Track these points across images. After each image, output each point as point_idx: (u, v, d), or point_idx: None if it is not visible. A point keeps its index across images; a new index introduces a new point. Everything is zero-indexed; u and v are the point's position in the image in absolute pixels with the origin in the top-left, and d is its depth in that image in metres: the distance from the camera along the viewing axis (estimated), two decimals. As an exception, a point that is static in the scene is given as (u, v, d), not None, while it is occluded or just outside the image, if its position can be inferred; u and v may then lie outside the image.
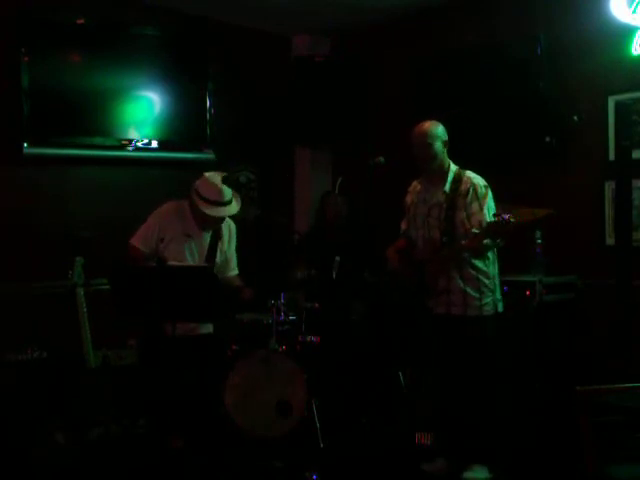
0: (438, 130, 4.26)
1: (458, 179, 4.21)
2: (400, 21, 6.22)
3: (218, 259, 4.56)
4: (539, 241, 5.00)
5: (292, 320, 4.87)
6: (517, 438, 4.45)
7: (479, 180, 4.20)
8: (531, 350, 4.70)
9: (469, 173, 4.24)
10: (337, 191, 6.08)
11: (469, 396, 4.14)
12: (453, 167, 4.28)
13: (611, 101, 5.00)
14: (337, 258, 4.96)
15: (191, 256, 4.48)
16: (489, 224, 3.90)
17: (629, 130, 4.82)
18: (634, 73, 4.86)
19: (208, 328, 4.58)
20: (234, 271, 4.77)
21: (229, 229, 4.68)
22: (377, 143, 5.97)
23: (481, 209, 4.10)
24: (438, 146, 4.23)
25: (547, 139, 5.16)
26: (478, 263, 4.17)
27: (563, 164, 5.22)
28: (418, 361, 5.05)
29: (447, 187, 4.21)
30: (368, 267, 5.37)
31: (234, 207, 4.49)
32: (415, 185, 4.48)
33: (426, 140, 4.23)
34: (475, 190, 4.14)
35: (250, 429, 4.49)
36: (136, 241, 4.45)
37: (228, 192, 4.42)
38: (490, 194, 4.18)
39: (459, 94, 5.61)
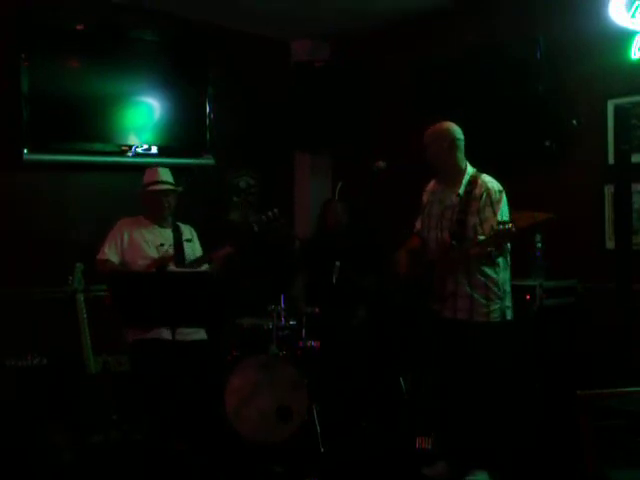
0: (448, 131, 4.23)
1: (473, 182, 4.15)
2: (400, 26, 6.23)
3: (186, 249, 4.67)
4: (539, 245, 4.99)
5: (292, 325, 4.87)
6: (518, 442, 4.44)
7: (494, 184, 4.15)
8: (532, 354, 4.69)
9: (485, 177, 4.18)
10: (337, 196, 6.09)
11: (471, 401, 4.12)
12: (470, 170, 4.23)
13: (610, 105, 5.00)
14: (337, 263, 4.96)
15: (155, 250, 4.58)
16: (492, 233, 3.85)
17: (628, 134, 4.81)
18: (633, 77, 4.86)
19: (200, 334, 4.59)
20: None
21: (189, 230, 4.85)
22: (378, 148, 5.98)
23: (494, 215, 4.03)
24: (444, 147, 4.19)
25: (547, 143, 5.16)
26: (487, 270, 4.11)
27: (563, 168, 5.22)
28: (419, 364, 5.04)
29: (461, 190, 4.15)
30: (369, 272, 5.37)
31: (171, 186, 4.73)
32: (433, 184, 4.44)
33: (432, 140, 4.23)
34: (489, 195, 4.08)
35: (251, 434, 4.49)
36: (102, 254, 4.57)
37: (165, 173, 4.75)
38: (505, 199, 4.11)
39: (459, 97, 5.61)
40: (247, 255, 4.87)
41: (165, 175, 4.73)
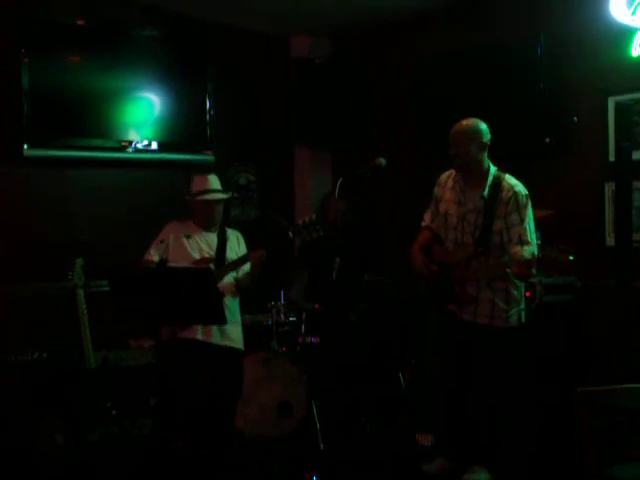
0: (477, 129, 4.09)
1: (498, 184, 4.03)
2: (400, 21, 6.22)
3: (229, 254, 4.54)
4: (539, 242, 4.99)
5: (292, 321, 4.88)
6: (517, 439, 4.45)
7: (521, 188, 4.03)
8: (531, 351, 4.69)
9: (509, 179, 4.07)
10: (337, 193, 6.08)
11: (478, 400, 4.10)
12: (493, 169, 4.11)
13: (611, 102, 5.00)
14: (337, 259, 4.96)
15: (198, 253, 4.48)
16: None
17: (629, 131, 4.81)
18: (634, 74, 4.86)
19: (238, 343, 4.51)
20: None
21: (236, 236, 4.70)
22: (377, 143, 5.98)
23: (522, 221, 3.94)
24: (474, 146, 4.05)
25: (547, 140, 5.15)
26: None
27: (563, 164, 5.22)
28: (419, 361, 5.04)
29: (486, 192, 4.04)
30: (369, 268, 5.37)
31: (223, 195, 4.61)
32: (447, 179, 4.30)
33: (461, 139, 4.07)
34: (517, 200, 3.97)
35: (251, 429, 4.50)
36: (148, 255, 4.45)
37: (214, 181, 4.58)
38: (530, 204, 4.02)
39: (459, 94, 5.60)
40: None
41: (215, 183, 4.60)
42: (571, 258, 3.56)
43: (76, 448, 4.29)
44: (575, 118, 5.11)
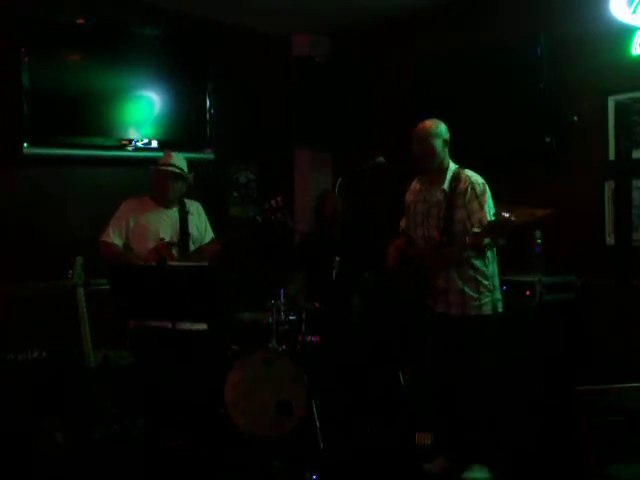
0: (439, 128, 4.26)
1: (457, 177, 4.20)
2: (400, 20, 6.23)
3: (192, 231, 4.63)
4: (539, 241, 5.00)
5: (292, 320, 4.88)
6: (517, 438, 4.45)
7: (477, 178, 4.19)
8: (531, 350, 4.70)
9: (467, 171, 4.23)
10: (337, 192, 6.07)
11: (468, 396, 4.14)
12: (452, 166, 4.27)
13: (611, 101, 5.00)
14: (337, 258, 4.96)
15: (163, 231, 4.53)
16: (490, 223, 3.89)
17: (629, 130, 4.82)
18: (634, 73, 4.86)
19: (201, 325, 4.55)
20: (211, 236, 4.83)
21: (196, 207, 4.77)
22: (377, 142, 5.98)
23: (481, 207, 4.09)
24: (438, 144, 4.23)
25: (547, 139, 5.16)
26: (477, 263, 4.16)
27: (563, 164, 5.22)
28: (417, 360, 5.04)
29: (446, 185, 4.19)
30: (368, 267, 5.37)
31: (177, 170, 4.63)
32: (415, 184, 4.47)
33: (426, 138, 4.24)
34: (474, 188, 4.13)
35: (250, 429, 4.50)
36: (106, 236, 4.52)
37: (178, 158, 4.66)
38: (488, 191, 4.16)
39: (459, 94, 5.61)
40: (248, 247, 4.84)
41: (177, 160, 4.65)
42: (513, 219, 3.73)
43: (76, 447, 4.29)
44: (575, 118, 5.12)
